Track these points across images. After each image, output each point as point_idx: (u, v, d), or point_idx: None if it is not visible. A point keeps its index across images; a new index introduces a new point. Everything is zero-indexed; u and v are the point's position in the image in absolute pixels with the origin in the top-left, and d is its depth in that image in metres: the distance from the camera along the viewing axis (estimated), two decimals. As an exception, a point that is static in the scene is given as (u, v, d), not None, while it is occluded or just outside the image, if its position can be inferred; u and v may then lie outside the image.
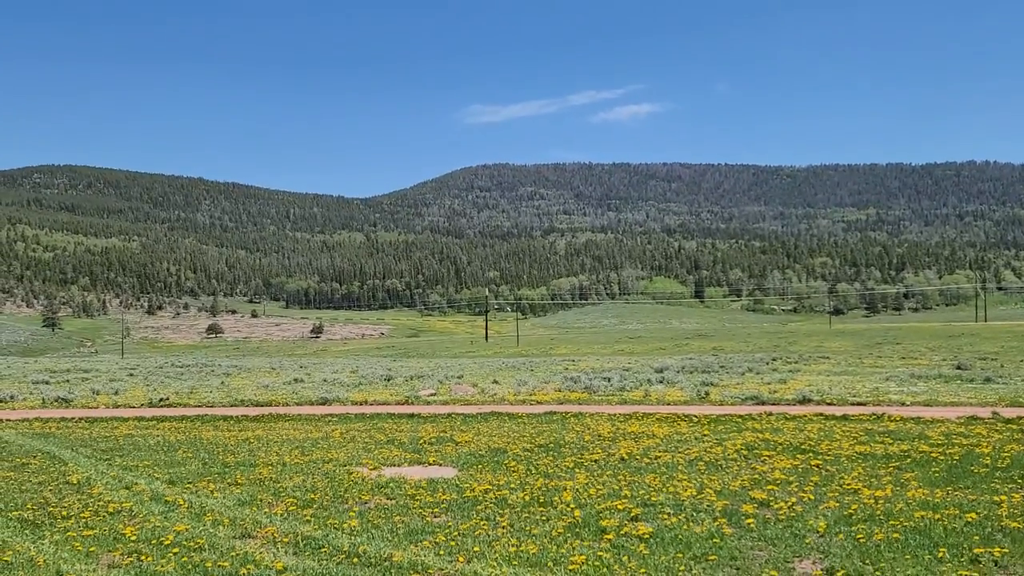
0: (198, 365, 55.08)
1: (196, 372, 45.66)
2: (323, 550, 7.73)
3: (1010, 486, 9.62)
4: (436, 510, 9.29)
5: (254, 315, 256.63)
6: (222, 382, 35.64)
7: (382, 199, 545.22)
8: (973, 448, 12.48)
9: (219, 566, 7.22)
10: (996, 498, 8.91)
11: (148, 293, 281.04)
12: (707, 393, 23.92)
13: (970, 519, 7.94)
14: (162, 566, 7.28)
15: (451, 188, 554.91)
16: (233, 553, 7.66)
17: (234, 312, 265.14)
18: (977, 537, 7.34)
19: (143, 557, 7.60)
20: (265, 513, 9.39)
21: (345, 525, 8.64)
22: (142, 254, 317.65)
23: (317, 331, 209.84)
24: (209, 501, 10.12)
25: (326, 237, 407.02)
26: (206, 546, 7.93)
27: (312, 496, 10.23)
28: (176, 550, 7.77)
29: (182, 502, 10.03)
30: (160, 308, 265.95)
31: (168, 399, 26.63)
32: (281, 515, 9.27)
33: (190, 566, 7.25)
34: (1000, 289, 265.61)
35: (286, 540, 8.12)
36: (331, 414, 21.31)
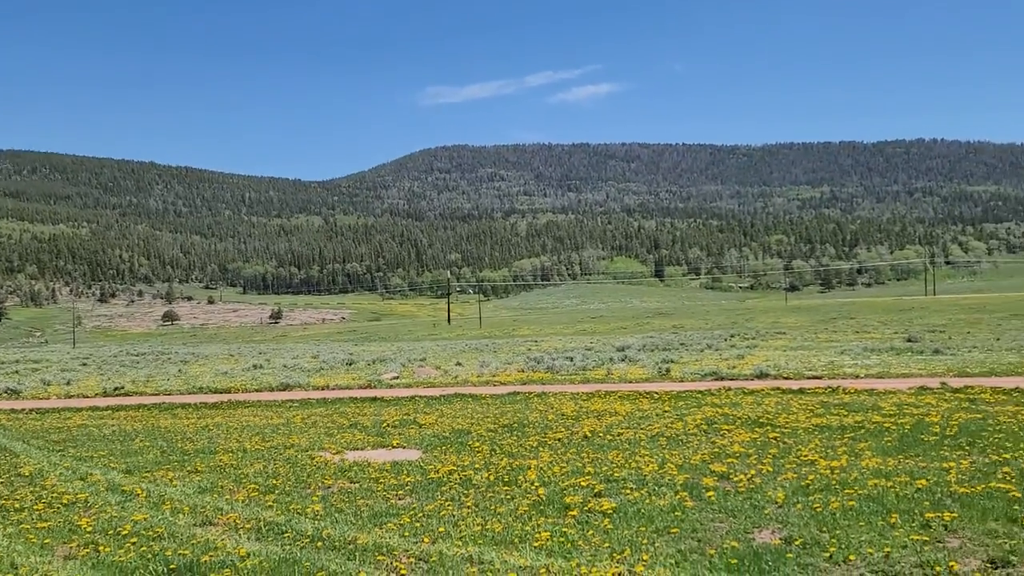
0: (154, 353, 54.13)
1: (152, 360, 44.87)
2: (286, 535, 7.67)
3: (958, 453, 9.91)
4: (400, 492, 9.28)
5: (211, 301, 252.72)
6: (179, 370, 35.08)
7: (340, 182, 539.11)
8: (923, 417, 12.83)
9: (180, 554, 7.12)
10: (945, 465, 9.17)
11: (100, 281, 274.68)
12: (668, 370, 24.21)
13: (921, 486, 8.16)
14: (120, 556, 7.16)
15: (410, 170, 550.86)
16: (194, 541, 7.57)
17: (190, 299, 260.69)
18: (928, 503, 7.55)
19: (100, 548, 7.47)
20: (226, 500, 9.29)
21: (308, 510, 8.58)
22: (92, 241, 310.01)
23: (276, 316, 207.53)
24: (168, 490, 9.97)
25: (283, 221, 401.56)
26: (165, 535, 7.82)
27: (274, 482, 10.14)
28: (134, 540, 7.64)
29: (140, 491, 9.87)
30: (113, 296, 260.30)
31: (123, 388, 26.14)
32: (243, 501, 9.17)
33: (149, 555, 7.13)
34: (948, 263, 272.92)
35: (248, 526, 8.04)
36: (292, 400, 21.13)
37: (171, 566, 6.78)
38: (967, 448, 10.18)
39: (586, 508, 8.03)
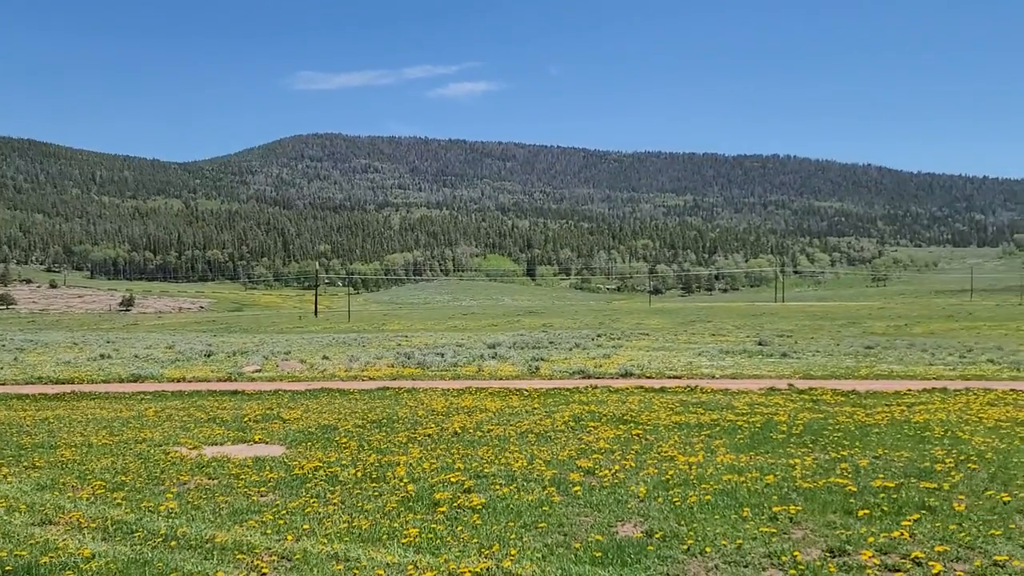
0: (-13, 339, 49.71)
1: (-15, 347, 41.18)
2: (137, 534, 7.24)
3: (803, 450, 10.61)
4: (263, 489, 8.96)
5: (53, 285, 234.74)
6: (15, 358, 32.42)
7: (203, 164, 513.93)
8: (772, 416, 13.66)
9: (16, 555, 6.57)
10: (791, 461, 9.81)
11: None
12: (537, 368, 24.61)
13: (769, 481, 8.69)
14: (-56, 560, 6.52)
15: (279, 156, 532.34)
16: (31, 541, 7.01)
17: (29, 282, 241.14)
18: (776, 497, 8.04)
19: (-80, 551, 6.77)
20: (69, 497, 8.67)
21: (162, 507, 8.14)
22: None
23: (127, 304, 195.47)
24: (2, 487, 9.20)
25: (139, 203, 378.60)
26: (-1, 536, 7.20)
27: (123, 478, 9.56)
28: (-38, 542, 6.99)
29: (-31, 489, 9.04)
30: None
31: (-50, 376, 23.87)
32: (88, 499, 8.59)
33: (-21, 559, 6.54)
34: (796, 272, 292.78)
35: (94, 525, 7.53)
36: (144, 392, 19.98)
37: (6, 568, 6.26)
38: (811, 446, 10.91)
39: (455, 504, 8.04)
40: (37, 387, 21.68)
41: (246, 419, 14.55)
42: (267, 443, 12.15)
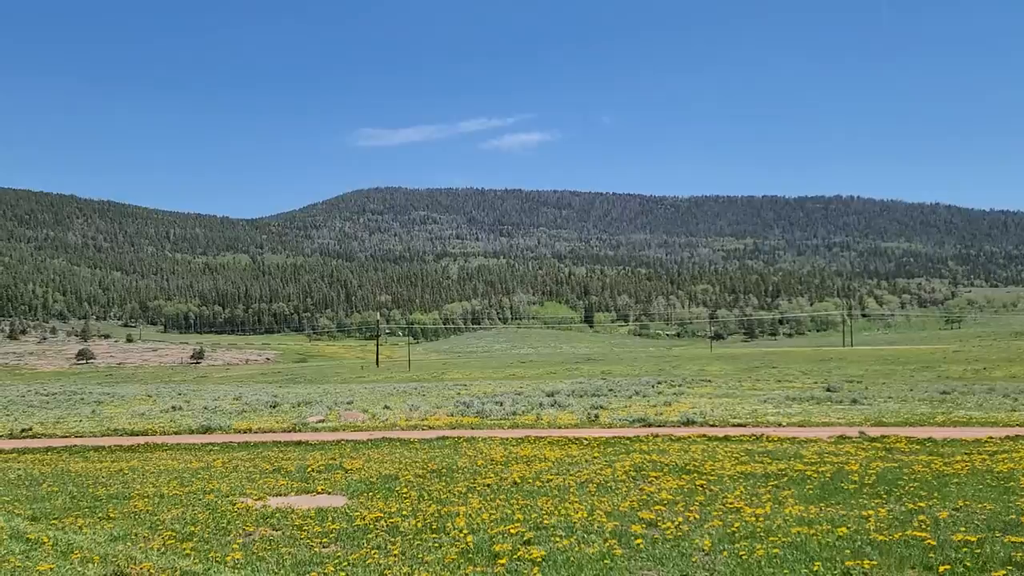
0: (66, 393, 51.71)
1: (64, 400, 42.83)
2: (204, 586, 7.36)
3: (876, 501, 10.21)
4: (325, 540, 9.03)
5: (129, 340, 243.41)
6: (93, 411, 33.59)
7: (269, 221, 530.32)
8: (843, 466, 13.20)
9: (88, 607, 6.74)
10: (864, 512, 9.44)
11: (10, 316, 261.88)
12: (597, 416, 24.35)
13: (841, 533, 8.37)
14: (22, 610, 6.73)
15: (342, 210, 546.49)
16: (104, 593, 7.18)
17: (107, 337, 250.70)
18: (848, 551, 7.73)
19: (1, 601, 7.02)
20: (140, 548, 8.87)
21: (228, 558, 8.26)
22: (3, 274, 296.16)
23: (197, 356, 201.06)
24: (77, 538, 9.47)
25: (209, 259, 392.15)
26: (73, 586, 7.40)
27: (192, 528, 9.75)
28: (39, 592, 7.21)
29: (46, 539, 9.34)
30: (24, 332, 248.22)
31: (31, 429, 24.86)
32: (158, 549, 8.77)
33: (55, 609, 6.73)
34: (864, 316, 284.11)
35: (163, 577, 7.68)
36: (212, 443, 20.44)
37: (78, 620, 6.41)
38: (885, 496, 10.50)
39: (515, 556, 7.95)
40: (113, 439, 22.38)
41: (309, 469, 14.73)
42: (329, 493, 12.26)
